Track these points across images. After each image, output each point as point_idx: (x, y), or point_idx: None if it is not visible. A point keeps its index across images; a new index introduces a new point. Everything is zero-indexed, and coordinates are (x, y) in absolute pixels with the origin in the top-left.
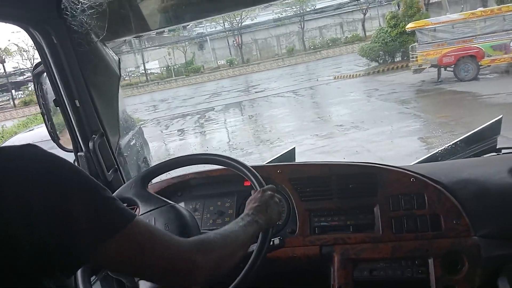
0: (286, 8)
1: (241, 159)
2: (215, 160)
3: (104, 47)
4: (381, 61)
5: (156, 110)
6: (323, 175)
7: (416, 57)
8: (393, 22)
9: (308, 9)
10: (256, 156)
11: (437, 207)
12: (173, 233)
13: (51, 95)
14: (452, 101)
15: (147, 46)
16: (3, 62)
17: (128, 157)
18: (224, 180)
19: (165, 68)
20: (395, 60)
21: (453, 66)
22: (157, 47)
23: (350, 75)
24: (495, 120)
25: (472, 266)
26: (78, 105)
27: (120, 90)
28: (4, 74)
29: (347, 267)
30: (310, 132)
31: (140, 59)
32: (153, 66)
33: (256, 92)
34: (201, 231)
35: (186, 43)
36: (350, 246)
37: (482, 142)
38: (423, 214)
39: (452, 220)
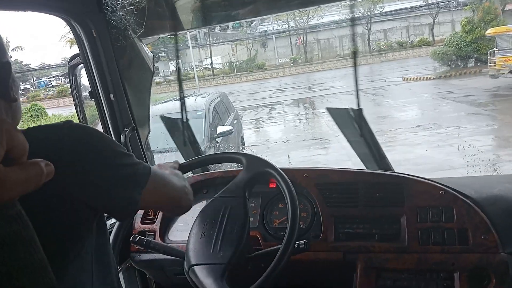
0: (353, 9)
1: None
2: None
3: (140, 43)
4: (453, 65)
5: None
6: (350, 182)
7: (495, 63)
8: (469, 28)
9: (376, 12)
10: (337, 145)
11: (465, 221)
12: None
13: (84, 87)
14: None
15: (212, 42)
16: None
17: (233, 134)
18: None
19: (227, 64)
20: (468, 66)
21: None
22: (222, 43)
23: (420, 78)
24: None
25: (499, 283)
26: (112, 98)
27: (152, 86)
28: None
29: (370, 275)
30: (387, 127)
31: (203, 54)
32: (215, 61)
33: (322, 90)
34: None
35: (250, 40)
36: (374, 255)
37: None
38: (450, 227)
39: (481, 236)
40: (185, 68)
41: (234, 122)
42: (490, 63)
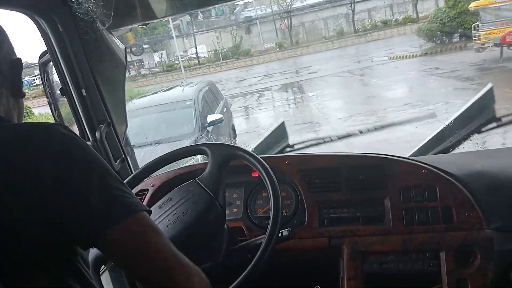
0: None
1: (258, 151)
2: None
3: (110, 36)
4: (438, 41)
5: None
6: (332, 166)
7: (479, 36)
8: (452, 2)
9: None
10: (328, 127)
11: (449, 199)
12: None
13: (57, 85)
14: None
15: (195, 30)
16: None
17: (224, 122)
18: (232, 171)
19: (212, 52)
20: (453, 41)
21: None
22: (206, 31)
23: (406, 56)
24: (486, 91)
25: (484, 259)
26: (84, 94)
27: (126, 79)
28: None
29: (357, 259)
30: (376, 106)
31: (187, 43)
32: (200, 50)
33: (309, 73)
34: None
35: (234, 27)
36: (360, 238)
37: (479, 115)
38: (434, 206)
39: (465, 213)
40: (170, 59)
41: (224, 111)
42: (475, 37)
